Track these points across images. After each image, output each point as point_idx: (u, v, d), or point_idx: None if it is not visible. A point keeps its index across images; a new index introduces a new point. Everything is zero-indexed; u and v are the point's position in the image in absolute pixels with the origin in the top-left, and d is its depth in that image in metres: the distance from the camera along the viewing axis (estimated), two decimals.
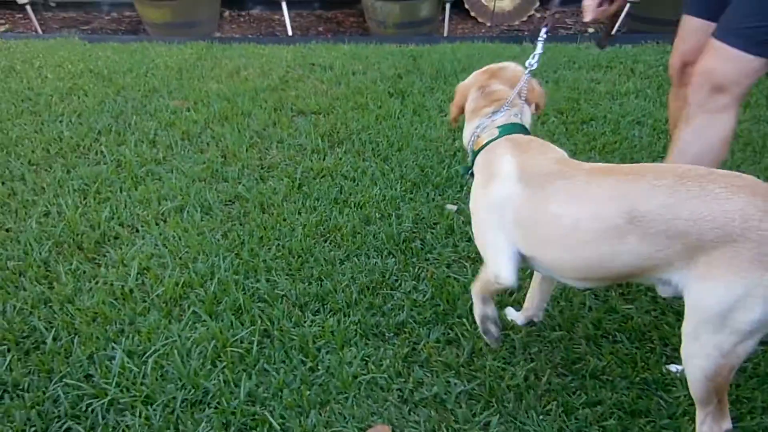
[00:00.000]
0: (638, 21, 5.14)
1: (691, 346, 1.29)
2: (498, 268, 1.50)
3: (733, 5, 1.81)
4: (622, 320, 1.86)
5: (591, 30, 5.34)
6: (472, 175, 1.65)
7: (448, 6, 5.00)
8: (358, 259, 2.17)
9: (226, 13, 5.80)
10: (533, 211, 1.43)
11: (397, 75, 4.02)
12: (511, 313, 1.89)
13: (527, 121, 1.68)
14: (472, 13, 5.58)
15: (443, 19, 5.15)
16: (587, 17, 1.98)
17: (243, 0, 5.82)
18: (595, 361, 1.71)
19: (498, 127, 1.60)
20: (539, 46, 1.71)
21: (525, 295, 1.86)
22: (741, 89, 1.82)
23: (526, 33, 5.32)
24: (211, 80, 3.84)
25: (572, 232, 1.36)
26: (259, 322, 1.86)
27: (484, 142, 1.60)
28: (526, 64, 1.68)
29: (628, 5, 1.63)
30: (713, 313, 1.23)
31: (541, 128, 3.23)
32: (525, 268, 1.59)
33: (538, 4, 5.63)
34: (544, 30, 1.76)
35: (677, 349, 1.75)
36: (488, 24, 5.56)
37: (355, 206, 2.50)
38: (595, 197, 1.34)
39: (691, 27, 2.06)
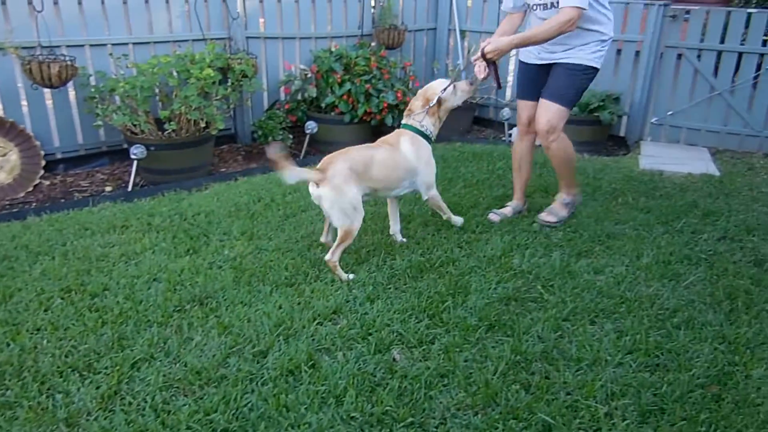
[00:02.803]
0: (154, 173, 5.40)
1: None
2: None
3: (551, 81, 3.76)
4: None
5: (109, 189, 5.31)
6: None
7: None
8: None
9: None
10: None
11: None
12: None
13: (426, 123, 3.55)
14: None
15: None
16: (480, 77, 3.72)
17: None
18: None
19: (403, 124, 3.60)
20: (461, 64, 2.71)
21: None
22: (562, 126, 3.80)
23: (34, 204, 4.88)
24: None
25: None
26: None
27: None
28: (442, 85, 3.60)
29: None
30: None
31: (45, 315, 2.90)
32: None
33: (42, 171, 5.28)
34: (468, 55, 3.43)
35: None
36: None
37: None
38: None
39: (528, 104, 4.02)
